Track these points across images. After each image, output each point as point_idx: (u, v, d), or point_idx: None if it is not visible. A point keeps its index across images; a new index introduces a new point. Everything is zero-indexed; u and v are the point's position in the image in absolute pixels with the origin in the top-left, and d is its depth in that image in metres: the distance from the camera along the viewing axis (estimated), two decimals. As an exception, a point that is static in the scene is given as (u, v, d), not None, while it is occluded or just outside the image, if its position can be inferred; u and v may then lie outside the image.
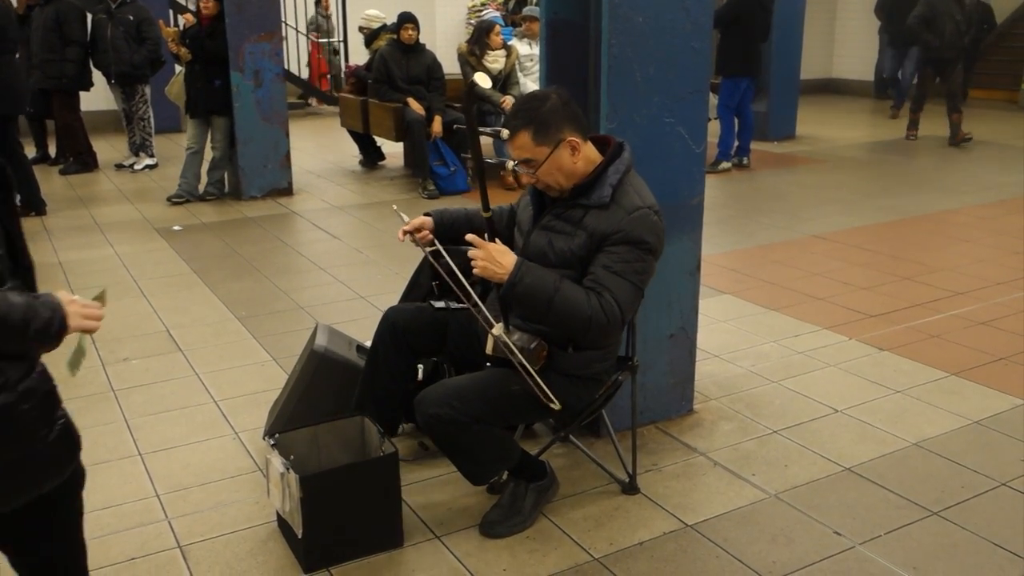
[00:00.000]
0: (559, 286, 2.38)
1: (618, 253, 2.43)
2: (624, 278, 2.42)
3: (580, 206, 2.51)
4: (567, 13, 3.23)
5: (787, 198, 7.47)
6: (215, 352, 4.13)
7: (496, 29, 7.84)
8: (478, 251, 2.38)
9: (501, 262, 2.37)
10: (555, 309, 2.37)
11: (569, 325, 2.41)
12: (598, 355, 2.61)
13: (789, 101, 10.13)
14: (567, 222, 2.52)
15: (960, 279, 5.09)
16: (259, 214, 6.85)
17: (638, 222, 2.45)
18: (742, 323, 4.45)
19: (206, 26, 7.00)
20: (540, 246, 2.54)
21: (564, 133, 2.47)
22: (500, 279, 2.38)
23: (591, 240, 2.46)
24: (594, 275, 2.43)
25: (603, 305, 2.38)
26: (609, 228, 2.44)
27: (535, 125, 2.46)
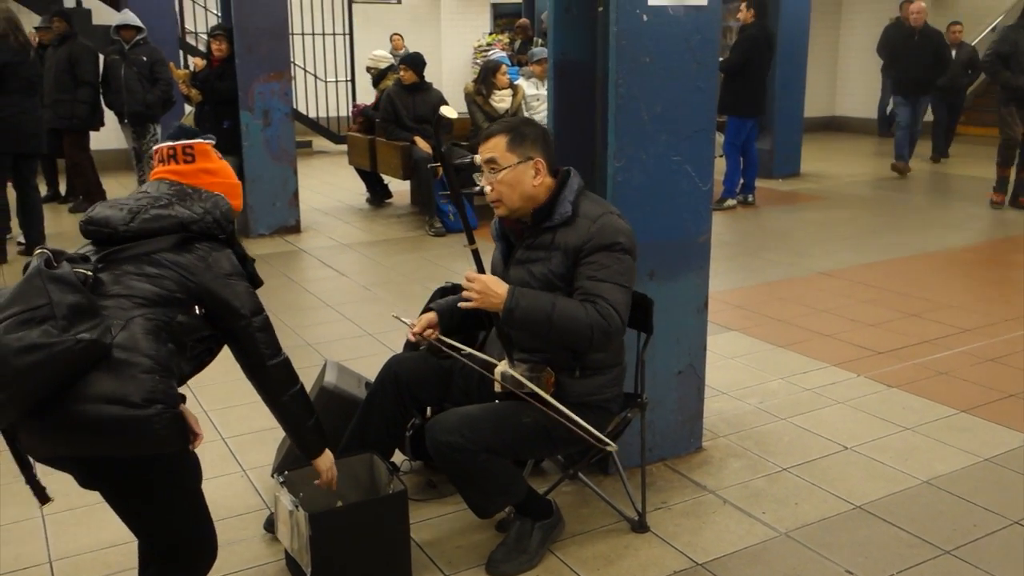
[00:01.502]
0: (555, 302, 2.45)
1: (597, 261, 2.50)
2: (611, 282, 2.49)
3: (546, 230, 2.59)
4: (575, 54, 3.28)
5: (793, 235, 7.49)
6: (223, 389, 4.12)
7: (503, 69, 7.93)
8: (473, 284, 2.43)
9: (496, 291, 2.44)
10: (556, 325, 2.42)
11: (573, 338, 2.47)
12: (606, 380, 2.63)
13: (793, 139, 10.19)
14: (539, 249, 2.60)
15: (967, 316, 5.09)
16: (267, 251, 6.89)
17: (605, 227, 2.53)
18: (750, 360, 4.45)
19: (216, 67, 7.09)
20: (520, 278, 2.59)
21: (535, 154, 2.58)
22: (496, 308, 2.44)
23: (567, 257, 2.54)
24: (582, 287, 2.50)
25: (600, 311, 2.43)
26: (580, 240, 2.52)
27: (513, 134, 2.58)
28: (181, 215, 2.13)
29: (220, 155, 2.36)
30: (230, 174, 2.37)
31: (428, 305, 2.87)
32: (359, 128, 8.84)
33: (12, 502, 3.09)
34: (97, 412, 1.86)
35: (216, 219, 2.19)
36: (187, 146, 2.28)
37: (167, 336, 2.03)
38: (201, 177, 2.28)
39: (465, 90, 8.10)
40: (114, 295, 1.99)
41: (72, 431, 1.89)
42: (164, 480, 2.05)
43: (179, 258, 2.10)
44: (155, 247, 2.09)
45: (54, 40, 8.28)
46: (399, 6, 15.16)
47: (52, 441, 1.93)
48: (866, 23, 14.02)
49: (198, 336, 2.12)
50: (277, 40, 7.20)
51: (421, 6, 15.40)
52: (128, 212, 2.10)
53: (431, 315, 2.77)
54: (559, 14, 3.27)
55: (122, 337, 1.93)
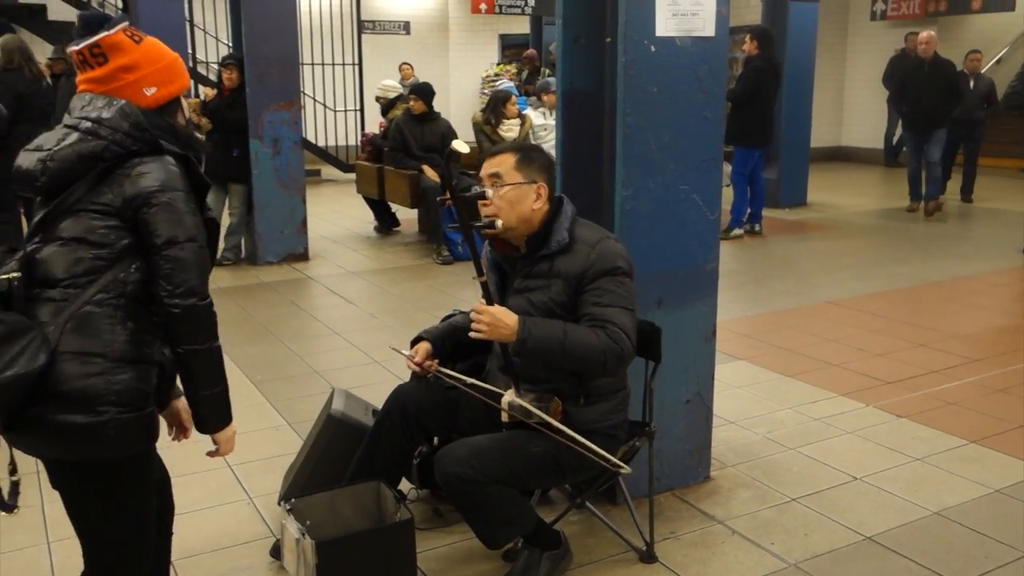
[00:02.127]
0: (566, 329, 2.45)
1: (601, 287, 2.52)
2: (617, 306, 2.50)
3: (543, 258, 2.60)
4: (583, 84, 3.31)
5: (800, 264, 7.49)
6: (230, 416, 4.12)
7: (512, 99, 8.00)
8: (482, 316, 2.43)
9: (506, 322, 2.43)
10: (568, 352, 2.43)
11: (586, 365, 2.48)
12: (611, 406, 2.63)
13: (799, 169, 10.21)
14: (538, 277, 2.61)
15: (976, 346, 5.07)
16: (275, 279, 6.91)
17: (605, 252, 2.55)
18: (758, 389, 4.43)
19: (227, 97, 7.16)
20: (520, 307, 2.59)
21: (539, 178, 2.61)
22: (508, 339, 2.43)
23: (568, 284, 2.55)
24: (589, 314, 2.50)
25: (612, 336, 2.44)
26: (581, 267, 2.54)
27: (521, 154, 2.62)
28: (83, 150, 1.85)
29: (139, 36, 1.99)
30: (156, 57, 1.99)
31: (419, 334, 2.87)
32: (368, 157, 8.90)
33: (17, 528, 3.09)
34: (51, 421, 1.80)
35: (127, 132, 1.88)
36: (94, 45, 1.93)
37: (124, 314, 1.86)
38: (120, 78, 1.93)
39: (473, 120, 8.16)
40: (60, 282, 1.84)
41: (33, 438, 1.85)
42: (125, 481, 1.95)
43: (102, 198, 1.86)
44: (76, 197, 1.85)
45: (67, 69, 8.38)
46: (408, 36, 15.31)
47: (23, 445, 1.89)
48: (871, 54, 14.11)
49: None
50: (287, 70, 7.27)
51: (430, 36, 15.55)
52: (39, 162, 1.87)
53: (426, 345, 2.79)
54: (567, 45, 3.30)
55: (67, 342, 1.81)
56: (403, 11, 15.28)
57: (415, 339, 2.86)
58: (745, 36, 8.59)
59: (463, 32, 15.78)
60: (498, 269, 2.76)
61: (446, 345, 2.82)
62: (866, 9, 13.75)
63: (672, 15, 2.98)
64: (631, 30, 2.94)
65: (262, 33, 7.07)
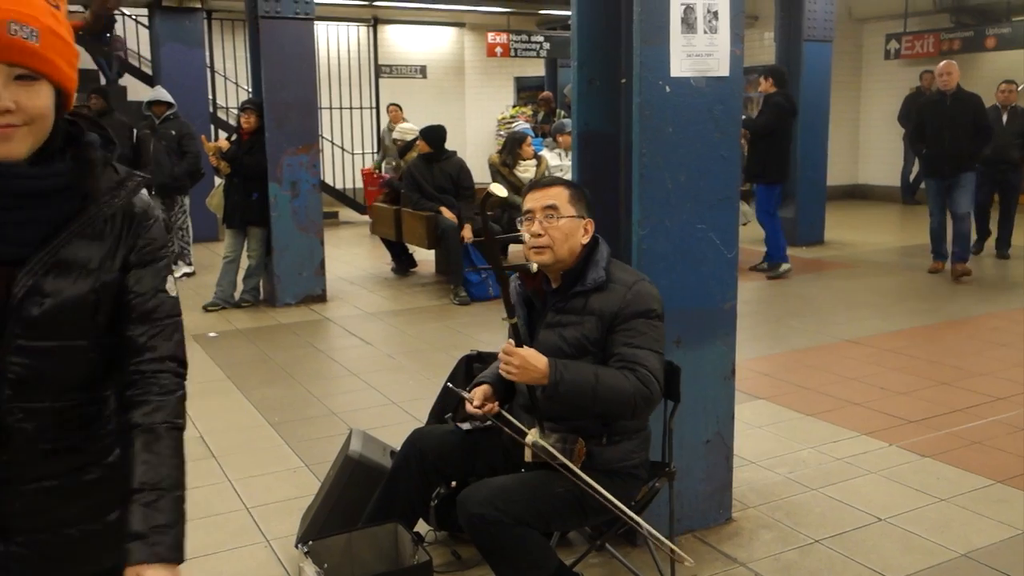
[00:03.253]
0: (597, 372, 2.44)
1: (634, 328, 2.52)
2: (647, 349, 2.51)
3: (578, 294, 2.60)
4: (598, 124, 3.34)
5: (819, 303, 7.45)
6: (248, 458, 4.13)
7: (528, 140, 8.07)
8: (511, 358, 2.41)
9: (536, 365, 2.42)
10: (600, 396, 2.41)
11: (615, 407, 2.47)
12: (633, 445, 2.61)
13: (816, 207, 10.20)
14: (572, 313, 2.60)
15: (999, 384, 5.01)
16: (293, 320, 6.94)
17: (640, 294, 2.56)
18: (779, 429, 4.39)
19: (245, 141, 7.26)
20: (552, 342, 2.58)
21: (586, 214, 2.65)
22: (539, 382, 2.41)
23: (602, 322, 2.54)
24: (620, 354, 2.49)
25: (641, 379, 2.44)
26: (616, 306, 2.54)
27: (574, 189, 2.66)
28: None
29: None
30: None
31: (479, 379, 2.79)
32: (385, 199, 8.97)
33: None
34: None
35: None
36: None
37: None
38: None
39: (490, 161, 8.23)
40: None
41: None
42: None
43: None
44: None
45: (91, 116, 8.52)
46: (424, 80, 15.50)
47: None
48: (886, 92, 14.16)
49: None
50: (306, 114, 7.37)
51: (446, 80, 15.74)
52: None
53: (487, 388, 2.70)
54: (582, 86, 3.33)
55: None
56: (420, 55, 15.49)
57: (474, 384, 2.78)
58: (759, 77, 8.63)
59: (479, 75, 15.96)
60: (527, 304, 2.75)
61: (501, 388, 2.74)
62: (880, 48, 13.81)
63: (687, 56, 3.01)
64: (646, 71, 2.96)
65: (281, 79, 7.18)
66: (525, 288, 2.73)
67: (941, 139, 7.81)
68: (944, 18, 13.64)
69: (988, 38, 12.50)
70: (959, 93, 7.82)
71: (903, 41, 13.37)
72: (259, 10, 7.06)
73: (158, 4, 10.82)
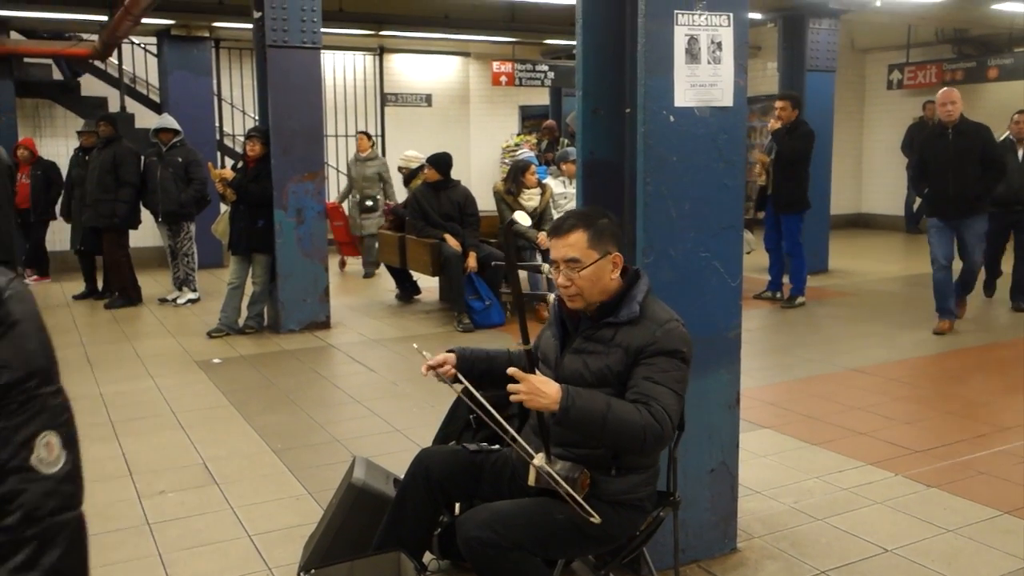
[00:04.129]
0: (610, 402, 2.41)
1: (657, 364, 2.49)
2: (667, 387, 2.47)
3: (609, 325, 2.58)
4: (602, 153, 3.35)
5: (823, 331, 7.44)
6: (250, 485, 4.11)
7: (532, 169, 8.09)
8: (520, 384, 2.40)
9: (546, 391, 2.39)
10: (610, 426, 2.38)
11: (624, 440, 2.42)
12: (641, 478, 2.59)
13: (820, 235, 10.22)
14: (599, 342, 2.58)
15: (1004, 414, 4.98)
16: (297, 347, 6.94)
17: (671, 333, 2.53)
18: (784, 458, 4.36)
19: (251, 168, 7.30)
20: (575, 368, 2.57)
21: (612, 248, 2.60)
22: (549, 408, 2.39)
23: (627, 355, 2.52)
24: (638, 387, 2.47)
25: (654, 414, 2.40)
26: (644, 341, 2.51)
27: (593, 229, 2.58)
28: None
29: None
30: None
31: (450, 348, 2.82)
32: (389, 226, 9.00)
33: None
34: None
35: None
36: None
37: None
38: None
39: (494, 189, 8.25)
40: None
41: None
42: None
43: None
44: None
45: (99, 143, 8.62)
46: (430, 108, 15.59)
47: None
48: (889, 122, 14.23)
49: None
50: (312, 142, 7.42)
51: (451, 108, 15.83)
52: None
53: (450, 355, 2.74)
54: (587, 116, 3.35)
55: None
56: (425, 84, 15.59)
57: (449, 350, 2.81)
58: (777, 103, 8.42)
59: (484, 103, 16.05)
60: (561, 324, 2.74)
61: (476, 368, 2.76)
62: (882, 79, 13.90)
63: (690, 86, 3.03)
64: (650, 101, 2.98)
65: (288, 107, 7.24)
66: (563, 310, 2.73)
67: (944, 178, 6.78)
68: (946, 49, 13.74)
69: (990, 69, 12.58)
70: (962, 125, 6.79)
71: (905, 71, 13.46)
72: (267, 39, 7.13)
73: (167, 32, 10.95)
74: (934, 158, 6.92)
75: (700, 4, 3.02)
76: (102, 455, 4.53)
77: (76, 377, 6.09)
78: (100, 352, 6.84)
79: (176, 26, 10.80)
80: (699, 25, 3.03)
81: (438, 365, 2.72)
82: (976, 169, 6.71)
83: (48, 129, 11.80)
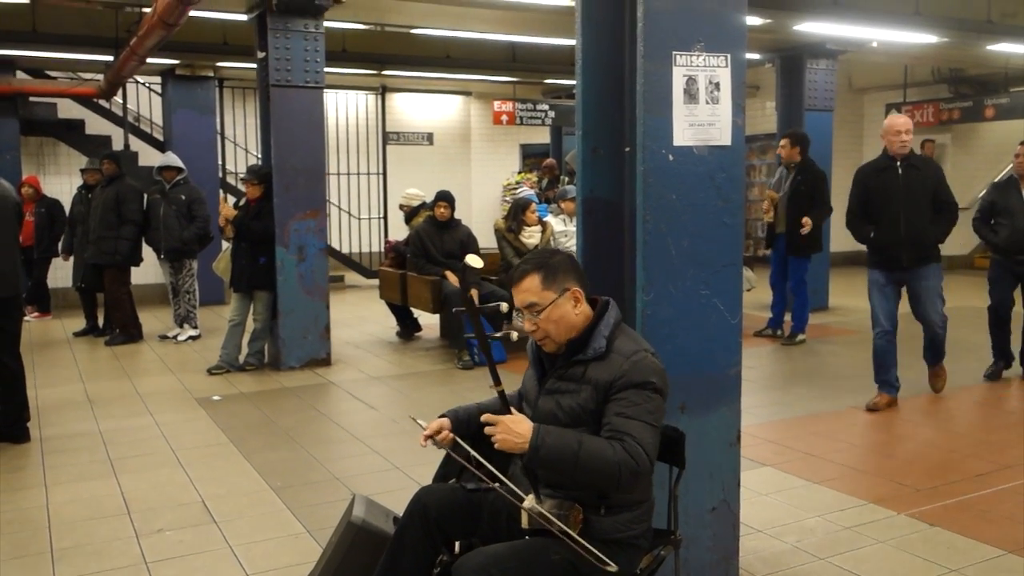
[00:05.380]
0: (581, 439, 2.40)
1: (627, 398, 2.47)
2: (640, 420, 2.45)
3: (578, 363, 2.58)
4: (602, 192, 3.38)
5: (824, 369, 7.43)
6: (249, 524, 4.09)
7: (532, 207, 8.15)
8: (495, 427, 2.42)
9: (518, 431, 2.40)
10: (582, 464, 2.37)
11: (599, 478, 2.41)
12: (633, 516, 2.57)
13: (820, 273, 10.23)
14: (570, 380, 2.59)
15: (1007, 452, 4.96)
16: (297, 384, 6.93)
17: (638, 365, 2.51)
18: (785, 496, 4.34)
19: (252, 207, 7.35)
20: (548, 409, 2.58)
21: (569, 283, 2.61)
22: (521, 448, 2.40)
23: (597, 392, 2.51)
24: (610, 424, 2.46)
25: (628, 450, 2.39)
26: (612, 376, 2.50)
27: (544, 270, 2.60)
28: None
29: None
30: None
31: (444, 412, 2.85)
32: (391, 263, 9.03)
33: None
34: None
35: None
36: None
37: None
38: None
39: (496, 227, 8.29)
40: None
41: None
42: None
43: None
44: None
45: (103, 181, 8.69)
46: (431, 147, 15.72)
47: None
48: (887, 161, 14.28)
49: None
50: (314, 180, 7.48)
51: (452, 146, 15.96)
52: None
53: (445, 420, 2.77)
54: (587, 154, 3.38)
55: None
56: (427, 123, 15.75)
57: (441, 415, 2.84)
58: (784, 141, 8.43)
59: (485, 142, 16.19)
60: (539, 364, 2.75)
61: (471, 426, 2.76)
62: (880, 117, 13.94)
63: (689, 125, 3.06)
64: (649, 140, 3.02)
65: (290, 145, 7.31)
66: (538, 350, 2.74)
67: (895, 219, 5.70)
68: (943, 88, 13.88)
69: (987, 108, 12.71)
70: (913, 159, 5.81)
71: (903, 110, 13.57)
72: (271, 79, 7.22)
73: (172, 72, 11.07)
74: (882, 194, 5.78)
75: (698, 45, 3.07)
76: (100, 492, 4.51)
77: (75, 414, 6.08)
78: (100, 389, 6.84)
79: (181, 66, 10.93)
80: (697, 66, 3.07)
81: (435, 433, 2.75)
82: (928, 210, 5.73)
83: (52, 167, 11.91)
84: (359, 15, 8.73)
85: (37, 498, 4.47)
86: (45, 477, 4.78)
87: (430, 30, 10.10)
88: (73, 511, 4.27)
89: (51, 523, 4.12)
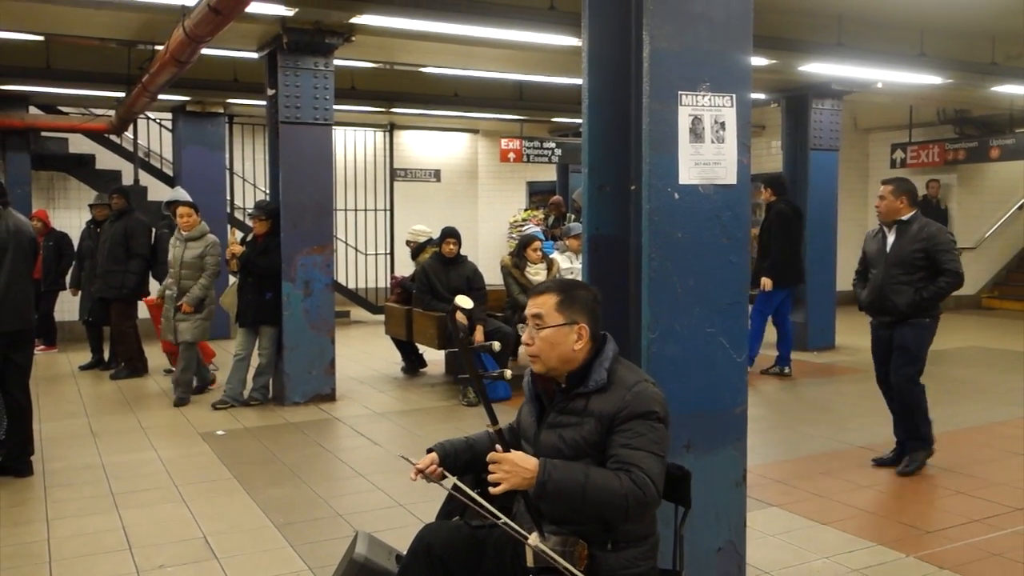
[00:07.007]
0: (588, 472, 2.40)
1: (632, 429, 2.47)
2: (645, 450, 2.44)
3: (580, 395, 2.58)
4: (608, 229, 3.39)
5: (831, 408, 7.39)
6: (251, 561, 4.05)
7: (534, 244, 8.18)
8: (500, 464, 2.41)
9: (524, 467, 2.40)
10: (590, 497, 2.36)
11: (607, 510, 2.40)
12: (639, 552, 2.55)
13: (827, 312, 10.24)
14: (572, 414, 2.58)
15: (1016, 494, 4.91)
16: (301, 419, 6.91)
17: (641, 395, 2.51)
18: (792, 537, 4.29)
19: (260, 243, 7.38)
20: (551, 443, 2.57)
21: (581, 319, 2.61)
22: (528, 484, 2.39)
23: (600, 424, 2.51)
24: (616, 455, 2.45)
25: (635, 481, 2.38)
26: (615, 407, 2.50)
27: (564, 295, 2.61)
28: None
29: None
30: None
31: (432, 446, 2.85)
32: (397, 299, 9.04)
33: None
34: None
35: None
36: None
37: None
38: None
39: (502, 263, 8.32)
40: None
41: None
42: None
43: None
44: None
45: (112, 215, 8.75)
46: (439, 183, 15.82)
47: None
48: (893, 200, 14.30)
49: None
50: (321, 216, 7.52)
51: (459, 183, 16.06)
52: None
53: (433, 455, 2.78)
54: (593, 192, 3.40)
55: None
56: (434, 160, 15.86)
57: (429, 450, 2.84)
58: (760, 185, 8.91)
59: (492, 179, 16.29)
60: (537, 400, 2.75)
61: (459, 460, 2.79)
62: (886, 157, 14.07)
63: (695, 164, 3.08)
64: (655, 178, 3.04)
65: (299, 181, 7.36)
66: (536, 386, 2.74)
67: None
68: (948, 129, 13.94)
69: (992, 148, 12.75)
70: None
71: (908, 151, 13.64)
72: (280, 116, 7.28)
73: (182, 108, 11.19)
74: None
75: (704, 85, 3.10)
76: (101, 527, 4.48)
77: (78, 447, 6.06)
78: (104, 423, 6.82)
79: (191, 102, 11.05)
80: (703, 106, 3.10)
81: (424, 468, 2.75)
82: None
83: (62, 201, 12.01)
84: (369, 54, 8.82)
85: (39, 533, 4.44)
86: (47, 511, 4.76)
87: (439, 69, 10.20)
88: (74, 546, 4.25)
89: (51, 558, 4.10)
